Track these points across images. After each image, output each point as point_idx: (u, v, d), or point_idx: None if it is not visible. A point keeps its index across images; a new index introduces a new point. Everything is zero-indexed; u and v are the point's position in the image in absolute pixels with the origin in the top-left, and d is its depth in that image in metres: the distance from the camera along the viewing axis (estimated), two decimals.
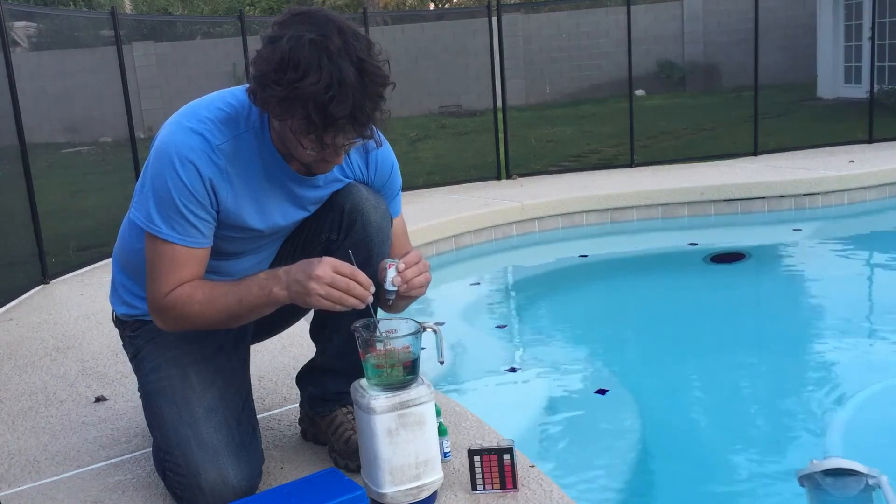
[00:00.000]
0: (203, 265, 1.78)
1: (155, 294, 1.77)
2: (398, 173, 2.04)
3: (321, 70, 1.54)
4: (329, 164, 1.74)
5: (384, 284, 1.74)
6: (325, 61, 1.54)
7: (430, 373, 1.85)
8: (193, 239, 1.74)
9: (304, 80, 1.54)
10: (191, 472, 1.77)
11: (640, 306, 4.61)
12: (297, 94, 1.55)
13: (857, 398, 3.11)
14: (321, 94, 1.54)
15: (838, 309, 4.30)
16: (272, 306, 1.74)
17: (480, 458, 1.81)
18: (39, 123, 7.95)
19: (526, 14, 14.82)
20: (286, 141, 1.71)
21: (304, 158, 1.72)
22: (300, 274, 1.65)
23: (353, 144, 1.68)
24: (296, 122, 1.61)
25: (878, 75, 9.72)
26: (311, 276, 1.62)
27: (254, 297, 1.70)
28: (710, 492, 2.60)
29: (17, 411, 2.64)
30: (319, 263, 1.64)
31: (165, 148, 1.71)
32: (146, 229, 1.73)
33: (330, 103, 1.55)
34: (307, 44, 1.55)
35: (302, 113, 1.57)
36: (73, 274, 4.87)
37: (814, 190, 6.22)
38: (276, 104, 1.60)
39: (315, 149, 1.66)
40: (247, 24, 6.66)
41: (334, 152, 1.68)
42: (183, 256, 1.74)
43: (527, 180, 7.35)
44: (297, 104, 1.57)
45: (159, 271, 1.75)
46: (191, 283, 1.75)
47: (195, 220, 1.72)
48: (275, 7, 18.25)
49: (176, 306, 1.75)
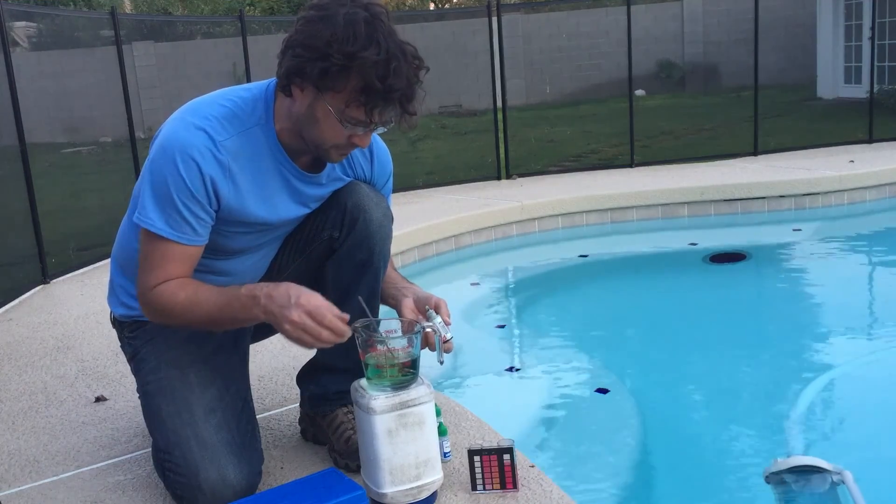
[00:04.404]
0: (193, 262, 1.78)
1: (142, 285, 1.78)
2: (392, 179, 2.07)
3: (379, 44, 1.59)
4: (348, 150, 1.76)
5: (436, 338, 1.76)
6: (380, 37, 1.60)
7: (430, 373, 1.85)
8: (187, 236, 1.74)
9: (365, 50, 1.58)
10: (190, 472, 1.76)
11: (640, 306, 4.61)
12: (357, 63, 1.59)
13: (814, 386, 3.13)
14: (382, 65, 1.59)
15: (838, 309, 4.30)
16: (252, 323, 1.75)
17: (480, 458, 1.81)
18: (39, 123, 7.95)
19: (526, 14, 14.83)
20: (312, 124, 1.70)
21: (331, 140, 1.71)
22: (276, 308, 1.63)
23: (389, 125, 1.70)
24: (347, 94, 1.62)
25: (878, 75, 9.72)
26: (285, 318, 1.61)
27: (234, 311, 1.70)
28: (711, 491, 2.60)
29: (17, 411, 2.64)
30: (294, 306, 1.61)
31: (168, 144, 1.71)
32: (139, 223, 1.74)
33: (390, 75, 1.59)
34: (363, 20, 1.60)
35: (359, 84, 1.60)
36: (73, 274, 4.87)
37: (814, 190, 6.22)
38: (336, 73, 1.61)
39: (360, 124, 1.67)
40: (247, 24, 6.66)
41: (367, 134, 1.71)
42: (174, 252, 1.74)
43: (527, 180, 7.35)
44: (357, 74, 1.60)
45: (149, 264, 1.75)
46: (177, 282, 1.75)
47: (191, 217, 1.72)
48: (275, 7, 18.26)
49: (159, 301, 1.75)
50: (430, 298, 1.86)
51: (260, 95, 1.79)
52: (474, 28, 9.59)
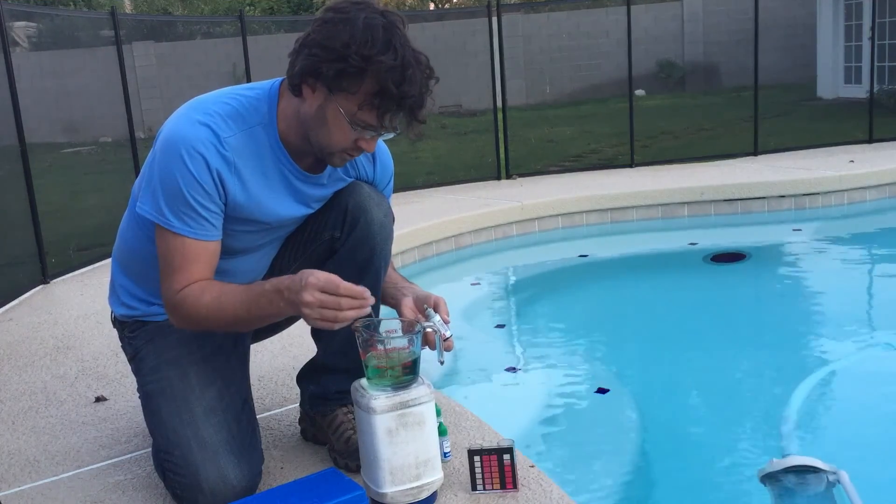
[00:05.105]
0: (215, 260, 1.77)
1: (167, 291, 1.76)
2: (392, 182, 2.07)
3: (396, 50, 1.61)
4: (352, 155, 1.77)
5: (436, 337, 1.76)
6: (397, 43, 1.62)
7: (430, 373, 1.85)
8: (204, 231, 1.73)
9: (383, 55, 1.60)
10: (190, 472, 1.76)
11: (640, 306, 4.61)
12: (373, 67, 1.60)
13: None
14: (398, 70, 1.60)
15: (838, 309, 4.30)
16: (280, 317, 1.73)
17: (480, 458, 1.81)
18: (39, 123, 7.95)
19: (526, 14, 14.83)
20: (321, 126, 1.70)
21: (338, 143, 1.71)
22: (293, 296, 1.61)
23: (396, 131, 1.71)
24: (361, 97, 1.63)
25: (878, 75, 9.73)
26: (301, 303, 1.59)
27: (261, 308, 1.68)
28: (711, 491, 2.60)
29: (17, 411, 2.64)
30: (304, 287, 1.58)
31: (173, 140, 1.71)
32: (156, 222, 1.73)
33: (405, 81, 1.61)
34: (381, 26, 1.62)
35: (373, 88, 1.62)
36: (73, 274, 4.87)
37: (814, 190, 6.22)
38: (352, 75, 1.62)
39: (369, 128, 1.68)
40: (247, 24, 6.66)
41: (374, 139, 1.72)
42: (194, 250, 1.73)
43: (527, 180, 7.35)
44: (372, 78, 1.61)
45: (171, 266, 1.74)
46: (200, 284, 1.74)
47: (204, 212, 1.72)
48: (275, 7, 18.26)
49: (184, 305, 1.74)
50: (429, 297, 1.86)
51: (264, 95, 1.79)
52: (474, 28, 9.58)
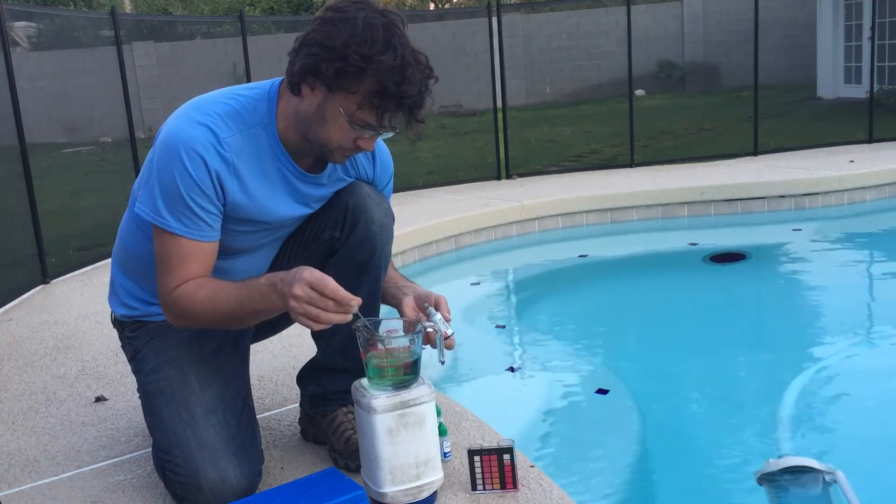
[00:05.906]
0: (211, 259, 1.78)
1: (163, 289, 1.77)
2: (392, 182, 2.07)
3: (396, 50, 1.61)
4: (352, 153, 1.77)
5: (437, 336, 1.76)
6: (397, 43, 1.62)
7: (430, 373, 1.85)
8: (201, 232, 1.74)
9: (383, 54, 1.60)
10: (190, 472, 1.76)
11: (640, 306, 4.61)
12: (373, 66, 1.61)
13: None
14: (397, 70, 1.61)
15: (838, 309, 4.30)
16: (273, 313, 1.72)
17: (480, 458, 1.81)
18: (39, 123, 7.95)
19: (526, 14, 14.82)
20: (320, 125, 1.70)
21: (337, 142, 1.71)
22: (286, 287, 1.60)
23: (395, 131, 1.71)
24: (360, 96, 1.64)
25: (878, 75, 9.74)
26: (290, 294, 1.58)
27: (255, 302, 1.69)
28: (711, 491, 2.60)
29: (17, 411, 2.63)
30: (297, 280, 1.58)
31: (172, 140, 1.71)
32: (153, 223, 1.73)
33: (404, 81, 1.62)
34: (381, 25, 1.62)
35: (373, 87, 1.62)
36: (73, 274, 4.87)
37: (814, 190, 6.22)
38: (352, 74, 1.62)
39: (368, 127, 1.68)
40: (247, 24, 6.66)
41: (373, 138, 1.72)
42: (190, 250, 1.73)
43: (527, 180, 7.35)
44: (371, 77, 1.62)
45: (167, 265, 1.75)
46: (196, 281, 1.74)
47: (202, 213, 1.72)
48: (275, 7, 18.26)
49: (179, 302, 1.75)
50: (430, 296, 1.87)
51: (263, 95, 1.79)
52: (474, 28, 9.57)
